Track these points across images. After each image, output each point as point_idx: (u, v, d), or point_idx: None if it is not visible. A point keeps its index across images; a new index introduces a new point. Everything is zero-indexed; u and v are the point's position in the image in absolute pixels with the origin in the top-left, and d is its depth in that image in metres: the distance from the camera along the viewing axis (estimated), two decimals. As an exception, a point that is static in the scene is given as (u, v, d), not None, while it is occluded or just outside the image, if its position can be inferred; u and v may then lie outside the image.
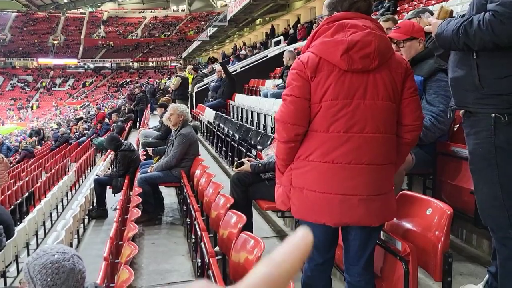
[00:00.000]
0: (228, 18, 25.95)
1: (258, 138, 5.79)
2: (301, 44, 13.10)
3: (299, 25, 18.06)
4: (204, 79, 13.18)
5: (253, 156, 4.82)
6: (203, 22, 61.66)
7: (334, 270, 2.39)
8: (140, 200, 4.40)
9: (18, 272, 5.12)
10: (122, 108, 18.60)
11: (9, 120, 51.10)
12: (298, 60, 2.01)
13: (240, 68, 13.20)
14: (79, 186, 9.83)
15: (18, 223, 6.39)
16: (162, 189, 5.54)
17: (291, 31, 17.30)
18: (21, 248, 5.40)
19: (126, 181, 5.95)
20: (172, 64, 59.44)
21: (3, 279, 4.72)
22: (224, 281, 2.29)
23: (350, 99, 1.90)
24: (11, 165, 13.50)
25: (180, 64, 33.61)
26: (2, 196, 7.84)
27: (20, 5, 66.37)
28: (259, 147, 5.23)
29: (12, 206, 7.11)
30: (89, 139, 14.90)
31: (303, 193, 1.98)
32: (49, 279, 1.54)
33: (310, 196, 1.96)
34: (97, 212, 6.41)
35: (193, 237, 3.61)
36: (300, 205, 2.01)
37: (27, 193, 8.19)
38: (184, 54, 51.36)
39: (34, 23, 74.74)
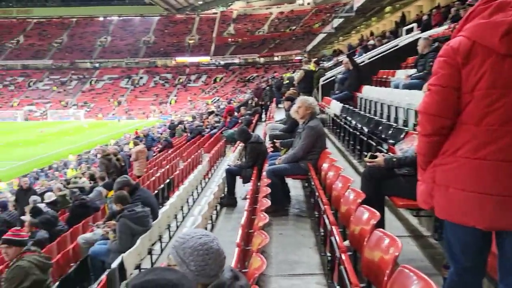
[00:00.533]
0: (355, 8, 25.18)
1: (390, 132, 5.50)
2: (436, 30, 12.09)
3: (434, 10, 16.69)
4: (326, 73, 13.01)
5: (385, 150, 4.61)
6: (328, 14, 60.88)
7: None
8: (269, 191, 4.52)
9: (162, 250, 5.68)
10: (249, 102, 19.40)
11: (152, 113, 57.20)
12: (446, 46, 1.83)
13: (368, 59, 12.70)
14: (211, 175, 10.52)
15: (161, 206, 7.10)
16: (288, 181, 5.62)
17: (424, 17, 16.06)
18: (164, 229, 5.98)
19: (254, 172, 6.17)
20: (297, 58, 60.05)
21: (150, 255, 5.28)
22: (356, 277, 2.21)
23: (510, 88, 1.67)
24: (154, 154, 15.09)
25: (305, 57, 33.74)
26: (148, 182, 8.80)
27: (162, 9, 73.47)
28: (391, 141, 4.97)
29: (156, 191, 7.92)
30: (220, 131, 15.85)
31: (448, 191, 1.81)
32: (200, 259, 1.66)
33: (458, 195, 1.78)
34: (228, 200, 6.78)
35: (321, 230, 3.59)
36: (446, 205, 1.83)
37: (168, 180, 9.05)
38: (309, 48, 51.45)
39: (174, 25, 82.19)
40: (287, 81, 16.55)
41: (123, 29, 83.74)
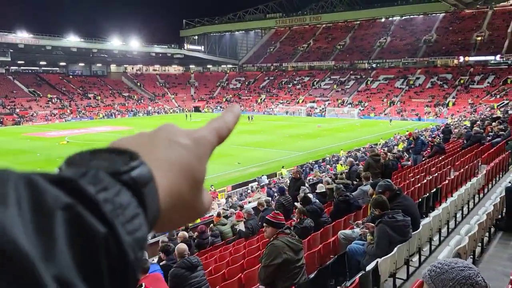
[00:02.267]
0: None
1: None
2: None
3: None
4: None
5: None
6: None
7: None
8: None
9: (420, 264, 5.36)
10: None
11: (425, 115, 54.68)
12: None
13: None
14: (487, 191, 9.24)
15: (424, 216, 6.68)
16: None
17: None
18: (424, 242, 5.61)
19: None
20: None
21: (406, 266, 5.06)
22: None
23: None
24: (423, 159, 14.35)
25: None
26: (412, 188, 8.44)
27: (448, 6, 68.72)
28: None
29: (420, 200, 7.50)
30: (504, 141, 13.71)
31: None
32: None
33: None
34: (507, 223, 5.80)
35: None
36: None
37: (434, 189, 8.44)
38: None
39: (460, 21, 75.91)
40: None
41: (403, 29, 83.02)
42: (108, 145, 0.42)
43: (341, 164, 24.01)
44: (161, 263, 6.53)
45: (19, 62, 74.08)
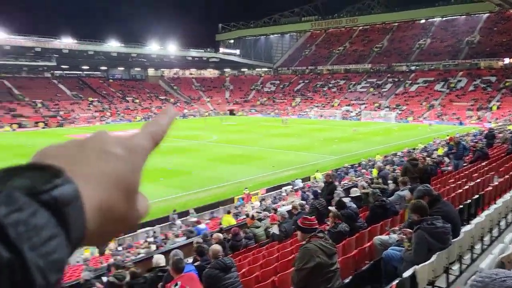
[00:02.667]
0: None
1: None
2: None
3: None
4: None
5: None
6: None
7: None
8: None
9: (461, 273, 5.15)
10: None
11: (467, 120, 52.77)
12: None
13: None
14: (534, 198, 8.78)
15: (465, 223, 6.43)
16: None
17: None
18: (465, 250, 5.40)
19: None
20: None
21: (446, 274, 4.88)
22: None
23: None
24: (464, 164, 13.84)
25: None
26: (453, 194, 8.15)
27: (493, 5, 66.20)
28: None
29: (461, 206, 7.23)
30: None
31: None
32: None
33: None
34: (555, 233, 5.49)
35: None
36: None
37: (477, 195, 8.11)
38: None
39: (505, 21, 72.94)
40: None
41: (444, 30, 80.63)
42: (33, 157, 0.40)
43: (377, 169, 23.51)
44: (195, 264, 6.60)
45: (63, 66, 77.26)
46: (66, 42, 67.59)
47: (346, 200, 8.27)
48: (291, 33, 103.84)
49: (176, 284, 4.12)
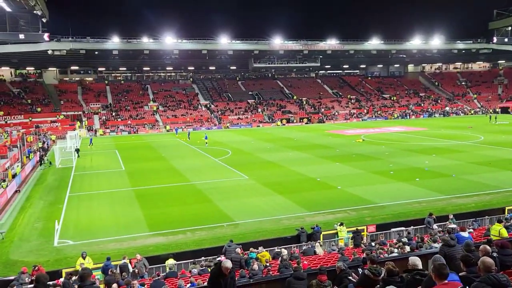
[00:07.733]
0: None
1: None
2: None
3: None
4: None
5: None
6: None
7: None
8: None
9: None
10: None
11: None
12: None
13: None
14: None
15: None
16: None
17: None
18: None
19: None
20: None
21: None
22: None
23: None
24: None
25: None
26: None
27: None
28: None
29: None
30: None
31: None
32: None
33: None
34: None
35: None
36: None
37: None
38: None
39: None
40: None
41: None
42: None
43: None
44: (460, 274, 5.92)
45: (326, 66, 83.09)
46: (330, 43, 71.96)
47: None
48: None
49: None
